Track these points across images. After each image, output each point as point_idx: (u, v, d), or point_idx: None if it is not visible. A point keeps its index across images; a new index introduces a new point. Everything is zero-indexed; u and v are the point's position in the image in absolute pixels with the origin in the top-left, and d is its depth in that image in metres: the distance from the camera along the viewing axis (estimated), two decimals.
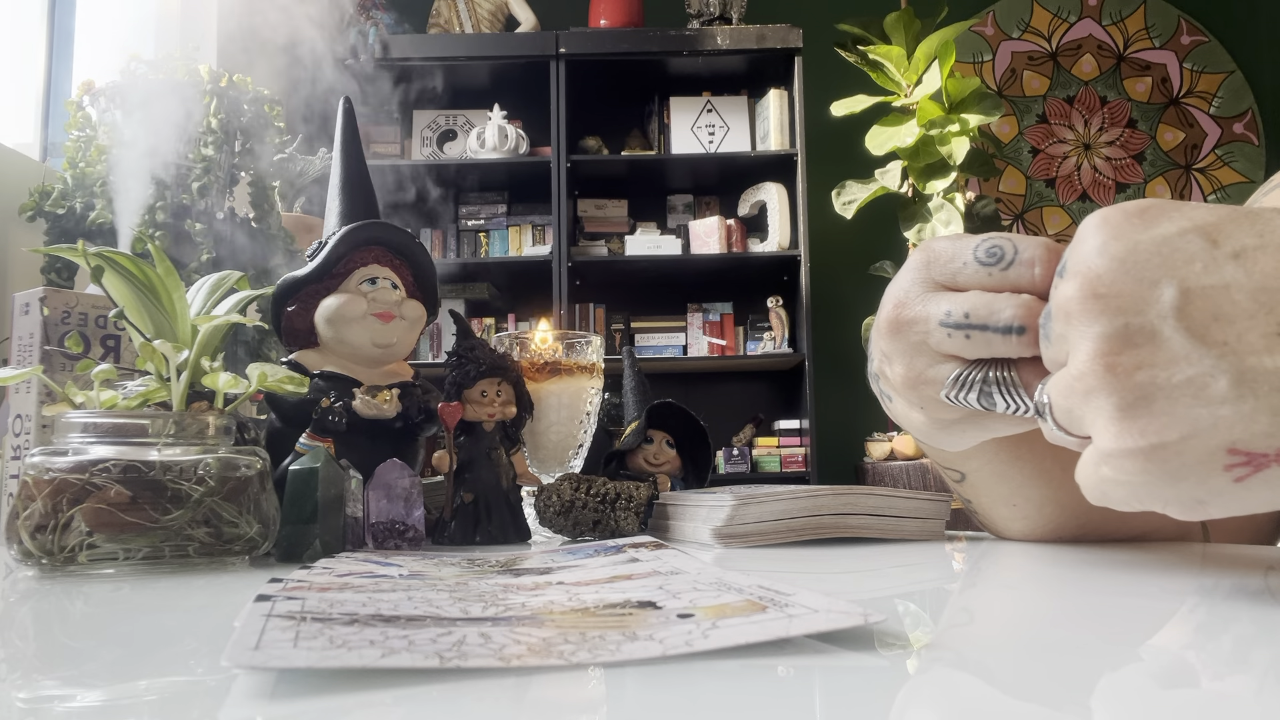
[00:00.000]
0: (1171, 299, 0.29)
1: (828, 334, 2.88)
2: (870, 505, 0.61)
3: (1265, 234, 0.29)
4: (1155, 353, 0.29)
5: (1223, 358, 0.28)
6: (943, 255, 0.38)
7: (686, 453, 0.84)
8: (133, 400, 0.52)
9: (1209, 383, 0.28)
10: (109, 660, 0.28)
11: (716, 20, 2.92)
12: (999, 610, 0.37)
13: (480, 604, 0.32)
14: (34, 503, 0.46)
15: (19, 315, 0.74)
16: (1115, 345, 0.29)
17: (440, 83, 2.82)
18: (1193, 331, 0.28)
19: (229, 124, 1.00)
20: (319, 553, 0.52)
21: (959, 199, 2.53)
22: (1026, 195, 3.22)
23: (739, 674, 0.23)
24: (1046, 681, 0.24)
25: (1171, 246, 0.30)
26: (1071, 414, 0.31)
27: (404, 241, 0.68)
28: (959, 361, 0.38)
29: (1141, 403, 0.29)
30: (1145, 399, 0.29)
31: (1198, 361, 0.28)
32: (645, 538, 0.56)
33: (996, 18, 3.27)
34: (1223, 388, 0.28)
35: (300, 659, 0.23)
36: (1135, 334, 0.29)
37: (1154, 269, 0.30)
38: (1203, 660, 0.26)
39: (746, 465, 2.82)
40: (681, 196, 3.11)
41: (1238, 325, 0.28)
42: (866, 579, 0.46)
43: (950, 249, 0.38)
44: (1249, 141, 3.22)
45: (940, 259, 0.38)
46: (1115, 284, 0.30)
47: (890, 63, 2.58)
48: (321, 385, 0.62)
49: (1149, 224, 0.30)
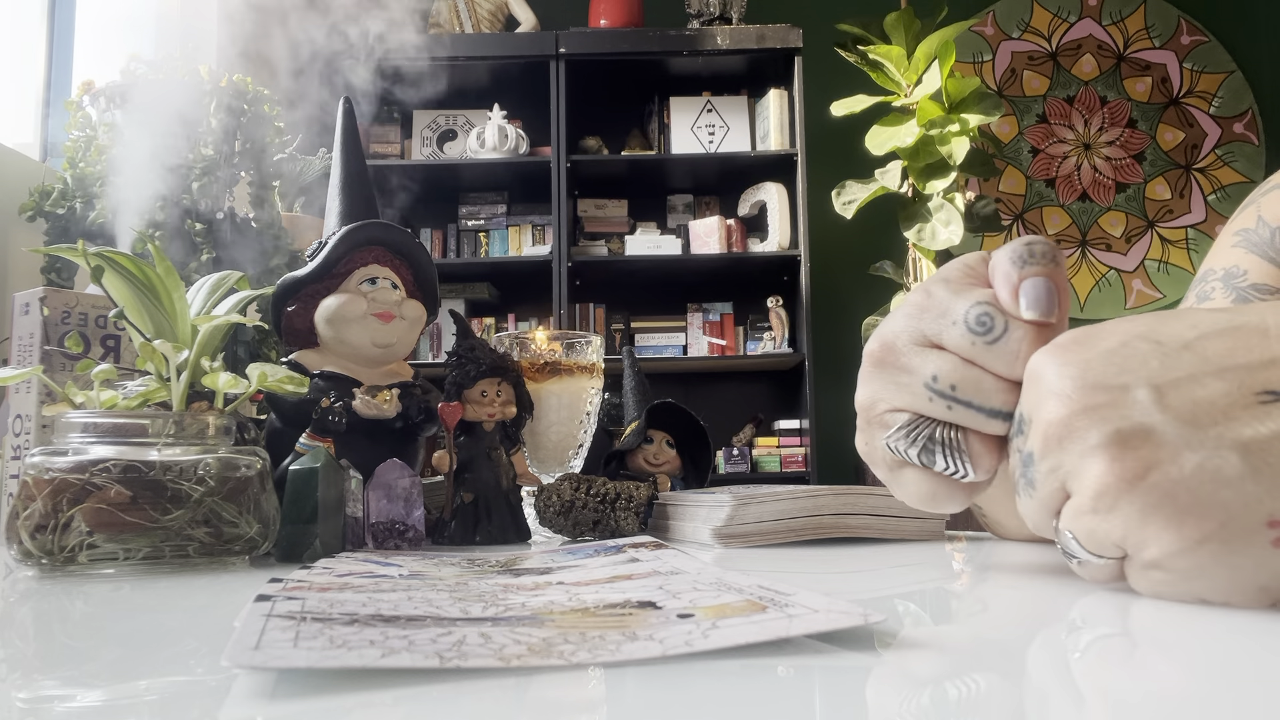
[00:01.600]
0: (1148, 396, 0.29)
1: (828, 334, 2.87)
2: (870, 505, 0.61)
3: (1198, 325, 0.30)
4: (1158, 449, 0.29)
5: (1222, 437, 0.28)
6: (937, 307, 0.37)
7: (686, 453, 0.84)
8: (133, 400, 0.52)
9: (1221, 465, 0.28)
10: (109, 660, 0.28)
11: (716, 20, 2.92)
12: (999, 610, 0.37)
13: (480, 604, 0.32)
14: (34, 503, 0.46)
15: (19, 315, 0.74)
16: (1117, 452, 0.29)
17: (440, 83, 2.82)
18: (1182, 419, 0.29)
19: (229, 124, 1.00)
20: (319, 553, 0.52)
21: (959, 199, 2.53)
22: (1026, 195, 3.22)
23: (739, 674, 0.23)
24: (1047, 681, 0.24)
25: (1121, 355, 0.30)
26: (1099, 536, 0.31)
27: (404, 241, 0.68)
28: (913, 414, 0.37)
29: (1168, 502, 0.28)
30: (1170, 497, 0.28)
31: (1199, 446, 0.28)
32: (645, 538, 0.56)
33: (996, 18, 3.27)
34: (1236, 464, 0.28)
35: (300, 659, 0.23)
36: (1130, 436, 0.29)
37: (1116, 376, 0.30)
38: (1204, 660, 0.26)
39: (746, 465, 2.82)
40: (681, 196, 3.11)
41: (1219, 404, 0.29)
42: (866, 579, 0.46)
43: (945, 303, 0.37)
44: (1249, 141, 3.22)
45: (933, 311, 0.37)
46: (1089, 396, 0.30)
47: (890, 63, 2.58)
48: (321, 385, 0.62)
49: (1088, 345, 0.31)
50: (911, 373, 0.37)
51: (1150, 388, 0.29)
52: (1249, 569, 0.28)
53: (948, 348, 0.36)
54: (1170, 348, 0.30)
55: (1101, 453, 0.29)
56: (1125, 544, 0.30)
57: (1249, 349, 0.29)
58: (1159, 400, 0.29)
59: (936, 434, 0.37)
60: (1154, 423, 0.29)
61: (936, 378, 0.36)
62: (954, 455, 0.36)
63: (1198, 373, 0.29)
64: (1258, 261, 0.62)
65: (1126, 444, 0.29)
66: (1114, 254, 3.19)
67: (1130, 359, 0.30)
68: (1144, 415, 0.29)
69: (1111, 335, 0.31)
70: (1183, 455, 0.28)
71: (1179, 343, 0.30)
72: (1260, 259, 0.62)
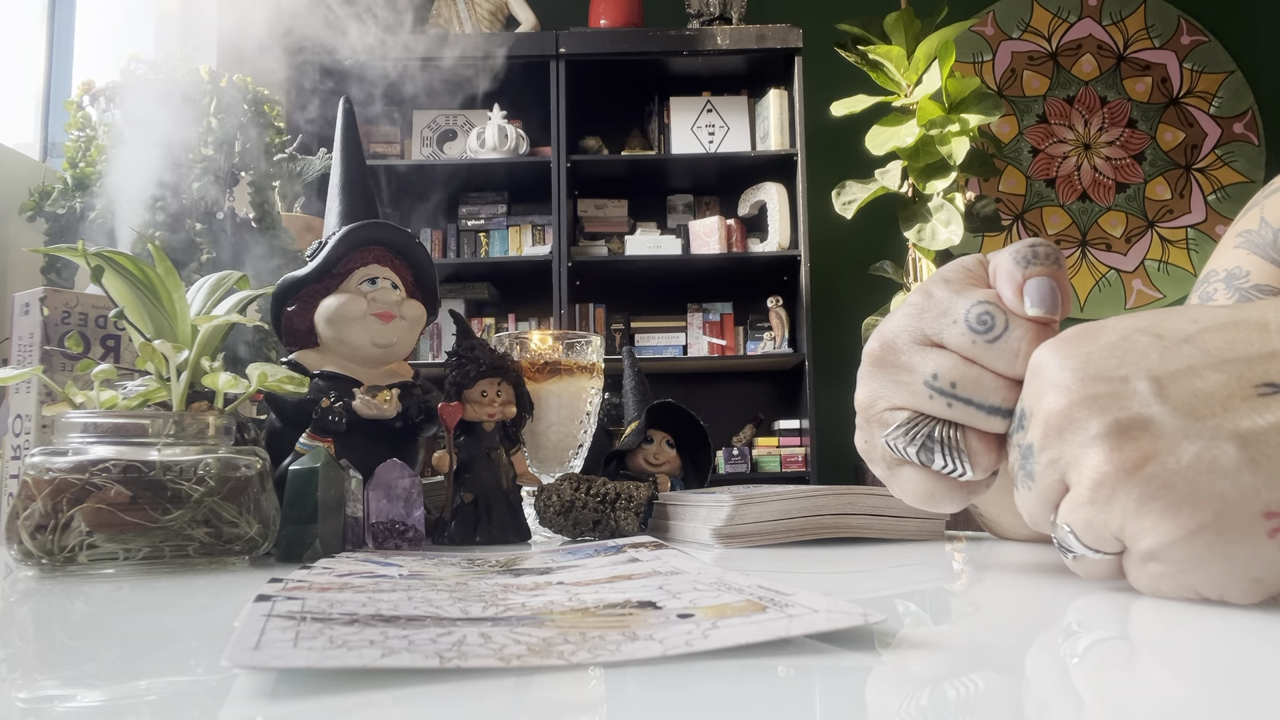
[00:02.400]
0: (1147, 388, 0.30)
1: (828, 334, 2.87)
2: (870, 505, 0.61)
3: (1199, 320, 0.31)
4: (1156, 440, 0.29)
5: (1220, 428, 0.28)
6: (937, 307, 0.37)
7: (686, 453, 0.84)
8: (133, 400, 0.52)
9: (1218, 455, 0.28)
10: (109, 660, 0.28)
11: (716, 20, 2.92)
12: (999, 610, 0.37)
13: (480, 604, 0.32)
14: (34, 503, 0.46)
15: (19, 315, 0.74)
16: (1116, 442, 0.29)
17: (440, 83, 2.81)
18: (1181, 410, 0.29)
19: (229, 124, 1.00)
20: (319, 553, 0.52)
21: (959, 199, 2.53)
22: (1026, 195, 3.22)
23: (739, 674, 0.23)
24: (1047, 681, 0.24)
25: (1122, 348, 0.31)
26: (1096, 528, 0.31)
27: (404, 241, 0.68)
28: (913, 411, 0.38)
29: (1164, 492, 0.29)
30: (1167, 487, 0.29)
31: (1197, 437, 0.29)
32: (645, 538, 0.56)
33: (996, 18, 3.27)
34: (1233, 456, 0.28)
35: (300, 659, 0.23)
36: (1129, 427, 0.29)
37: (1116, 368, 0.30)
38: (1205, 659, 0.26)
39: (746, 465, 2.82)
40: (681, 196, 3.11)
41: (1218, 396, 0.29)
42: (866, 579, 0.46)
43: (946, 302, 0.37)
44: (1249, 141, 3.22)
45: (934, 310, 0.37)
46: (1089, 387, 0.30)
47: (890, 63, 2.58)
48: (321, 385, 0.62)
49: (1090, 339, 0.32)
50: (912, 371, 0.37)
51: (1150, 379, 0.30)
52: (1243, 559, 0.29)
53: (948, 346, 0.37)
54: (1171, 341, 0.30)
55: (1101, 443, 0.30)
56: (1123, 535, 0.30)
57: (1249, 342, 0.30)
58: (1159, 392, 0.30)
59: (936, 432, 0.37)
60: (1153, 414, 0.29)
61: (937, 375, 0.36)
62: (953, 454, 0.37)
63: (1197, 365, 0.30)
64: (1260, 263, 0.62)
65: (1125, 434, 0.29)
66: (1114, 254, 3.19)
67: (1131, 351, 0.31)
68: (1143, 406, 0.29)
69: (1113, 330, 0.32)
70: (1181, 446, 0.29)
71: (1179, 336, 0.31)
72: (1263, 260, 0.62)
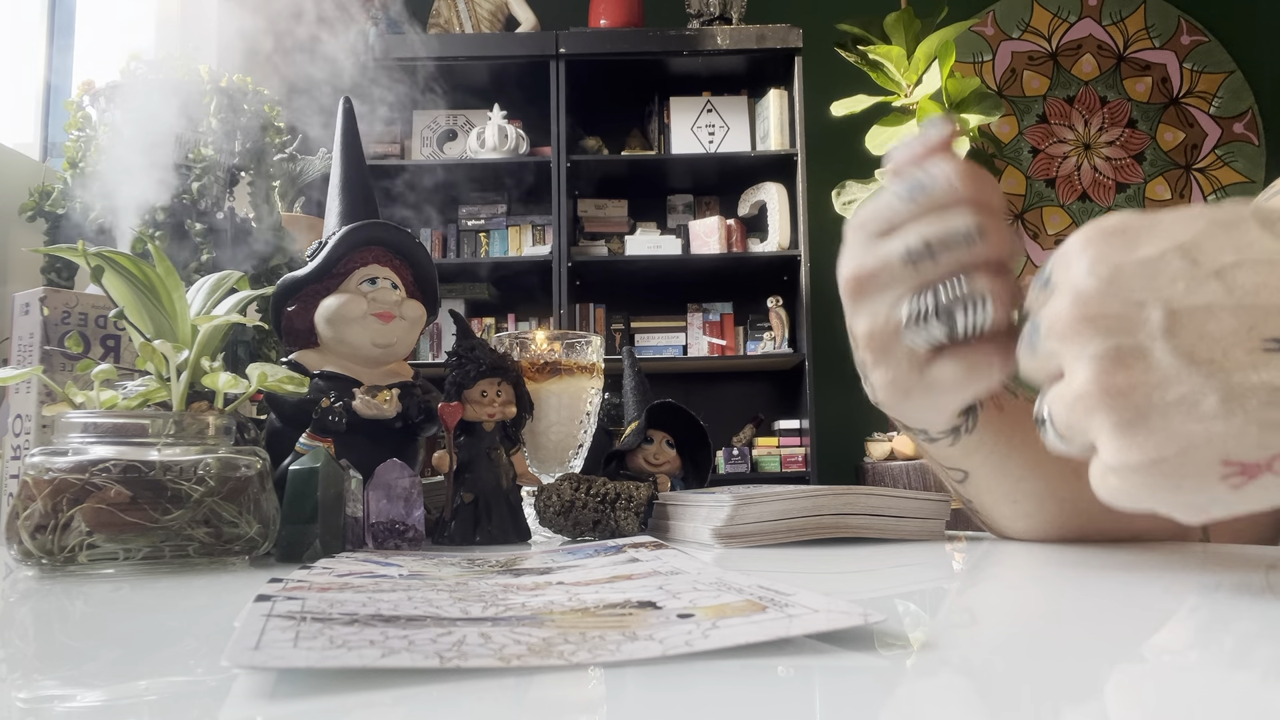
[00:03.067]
0: (1159, 320, 0.30)
1: (828, 334, 2.87)
2: (870, 505, 0.61)
3: (1242, 249, 0.30)
4: (1148, 373, 0.30)
5: (1211, 375, 0.29)
6: (871, 213, 0.41)
7: (686, 453, 0.84)
8: (133, 400, 0.52)
9: (1200, 400, 0.29)
10: (109, 660, 0.28)
11: (716, 20, 2.92)
12: (999, 610, 0.37)
13: (480, 604, 0.32)
14: (34, 503, 0.46)
15: (19, 315, 0.74)
16: (1109, 366, 0.30)
17: (440, 83, 2.82)
18: (1181, 351, 0.29)
19: (229, 124, 1.00)
20: (319, 553, 0.52)
21: None
22: (1026, 195, 3.22)
23: (739, 674, 0.23)
24: (1047, 681, 0.24)
25: (1154, 268, 0.31)
26: (1073, 428, 0.32)
27: (404, 241, 0.68)
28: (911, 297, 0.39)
29: (1139, 420, 0.30)
30: (1142, 417, 0.30)
31: (1187, 380, 0.29)
32: (645, 538, 0.56)
33: (996, 18, 3.27)
34: (1213, 404, 0.29)
35: (300, 659, 0.23)
36: (1127, 355, 0.30)
37: (1140, 290, 0.31)
38: (1204, 659, 0.26)
39: (746, 465, 2.82)
40: (681, 196, 3.10)
41: (1223, 343, 0.29)
42: (866, 579, 0.46)
43: (874, 205, 0.40)
44: (1249, 141, 3.22)
45: (870, 217, 0.41)
46: (1105, 305, 0.31)
47: (890, 63, 2.57)
48: (321, 385, 0.62)
49: (1130, 245, 0.32)
50: (888, 261, 0.40)
51: (1166, 311, 0.30)
52: (1192, 492, 0.30)
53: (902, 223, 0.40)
54: (1203, 271, 0.30)
55: (1095, 362, 0.31)
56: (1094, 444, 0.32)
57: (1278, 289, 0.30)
58: (1168, 327, 0.30)
59: (941, 295, 0.38)
60: (1154, 349, 0.30)
61: (910, 247, 0.39)
62: (968, 304, 0.38)
63: (1216, 305, 0.30)
64: None
65: (1121, 360, 0.30)
66: None
67: (1159, 275, 0.31)
68: (1148, 338, 0.30)
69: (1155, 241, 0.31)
70: (1168, 385, 0.30)
71: (1213, 267, 0.30)
72: None
